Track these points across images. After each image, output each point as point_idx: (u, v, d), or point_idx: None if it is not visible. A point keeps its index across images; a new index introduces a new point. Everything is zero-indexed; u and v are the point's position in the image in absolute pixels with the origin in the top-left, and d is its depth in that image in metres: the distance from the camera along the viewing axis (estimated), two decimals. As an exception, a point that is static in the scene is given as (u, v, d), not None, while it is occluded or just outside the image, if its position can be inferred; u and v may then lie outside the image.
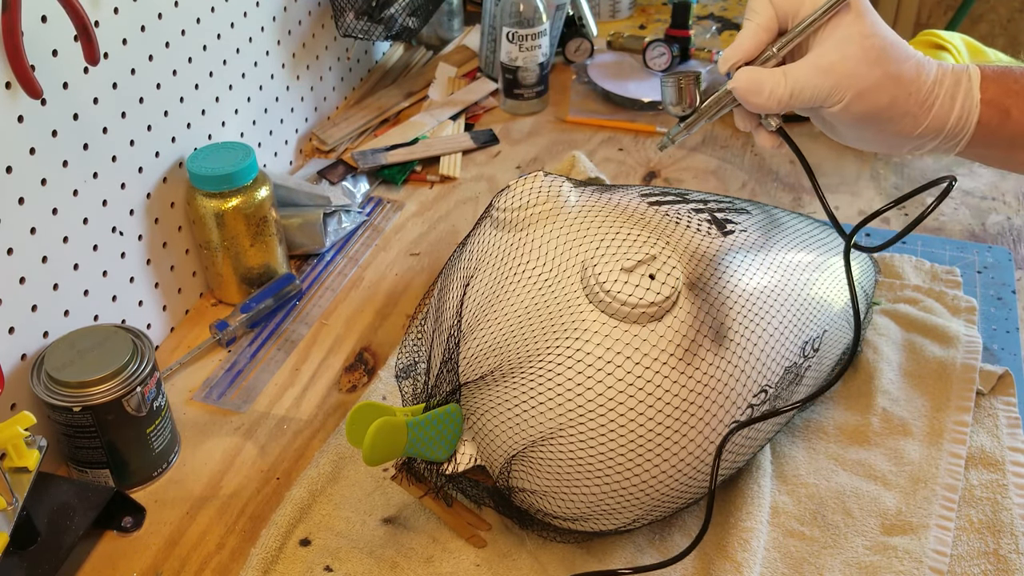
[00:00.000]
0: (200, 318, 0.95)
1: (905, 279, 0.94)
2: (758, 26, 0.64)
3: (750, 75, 0.63)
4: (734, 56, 0.64)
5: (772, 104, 0.63)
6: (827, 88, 0.61)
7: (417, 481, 0.68)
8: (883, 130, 0.64)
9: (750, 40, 0.64)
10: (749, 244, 0.70)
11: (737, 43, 0.65)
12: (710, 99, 0.67)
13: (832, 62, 0.61)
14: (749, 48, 0.64)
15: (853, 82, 0.61)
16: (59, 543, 0.68)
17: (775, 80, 0.62)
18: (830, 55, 0.62)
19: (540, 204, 0.66)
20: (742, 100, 0.64)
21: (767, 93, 0.62)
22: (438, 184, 1.15)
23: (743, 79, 0.63)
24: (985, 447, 0.76)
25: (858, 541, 0.70)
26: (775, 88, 0.62)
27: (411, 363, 0.72)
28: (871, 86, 0.61)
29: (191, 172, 0.88)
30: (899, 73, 0.62)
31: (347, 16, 1.18)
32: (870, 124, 0.63)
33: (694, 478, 0.63)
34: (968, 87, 0.63)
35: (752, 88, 0.63)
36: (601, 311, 0.60)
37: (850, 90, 0.61)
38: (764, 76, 0.63)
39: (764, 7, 0.64)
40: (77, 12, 0.70)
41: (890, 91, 0.61)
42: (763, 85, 0.62)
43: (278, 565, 0.70)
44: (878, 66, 0.61)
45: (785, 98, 0.62)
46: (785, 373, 0.67)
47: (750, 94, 0.63)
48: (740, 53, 0.64)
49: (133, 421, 0.74)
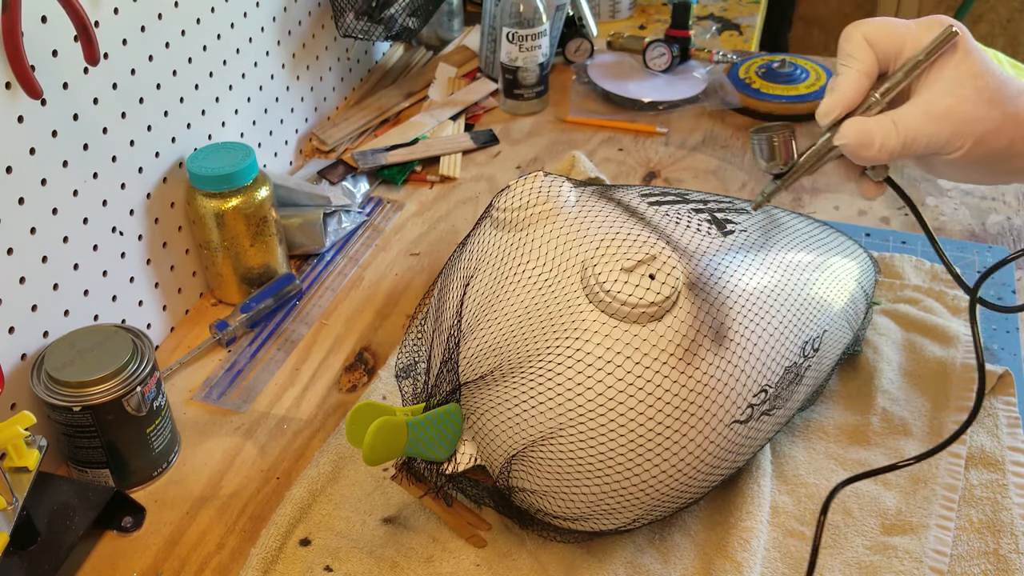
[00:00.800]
0: (200, 318, 0.95)
1: (905, 279, 0.94)
2: (859, 72, 0.59)
3: (859, 127, 0.59)
4: (837, 107, 0.60)
5: (884, 156, 0.59)
6: (945, 136, 0.57)
7: (417, 481, 0.68)
8: (996, 170, 0.60)
9: (852, 88, 0.59)
10: (749, 244, 0.70)
11: (838, 92, 0.60)
12: (809, 153, 0.62)
13: (949, 107, 0.57)
14: (852, 97, 0.59)
15: (972, 127, 0.57)
16: (59, 543, 0.68)
17: (885, 131, 0.58)
18: (944, 99, 0.57)
19: (540, 204, 0.66)
20: (851, 155, 0.60)
21: (878, 146, 0.58)
22: (438, 184, 1.15)
23: (851, 133, 0.59)
24: (985, 447, 0.76)
25: (858, 541, 0.70)
26: (886, 140, 0.58)
27: (411, 363, 0.72)
28: (991, 129, 0.57)
29: (191, 172, 0.88)
30: (1016, 112, 0.58)
31: (347, 16, 1.18)
32: (984, 166, 0.60)
33: (694, 478, 0.63)
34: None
35: (863, 141, 0.58)
36: (601, 311, 0.60)
37: (971, 136, 0.57)
38: (873, 127, 0.58)
39: (863, 51, 0.59)
40: (77, 12, 0.70)
41: (1009, 132, 0.58)
42: (873, 137, 0.58)
43: (278, 565, 0.70)
44: (995, 107, 0.58)
45: (898, 149, 0.58)
46: (785, 373, 0.67)
47: (861, 147, 0.59)
48: (843, 103, 0.60)
49: (133, 421, 0.74)
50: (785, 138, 0.62)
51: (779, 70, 1.26)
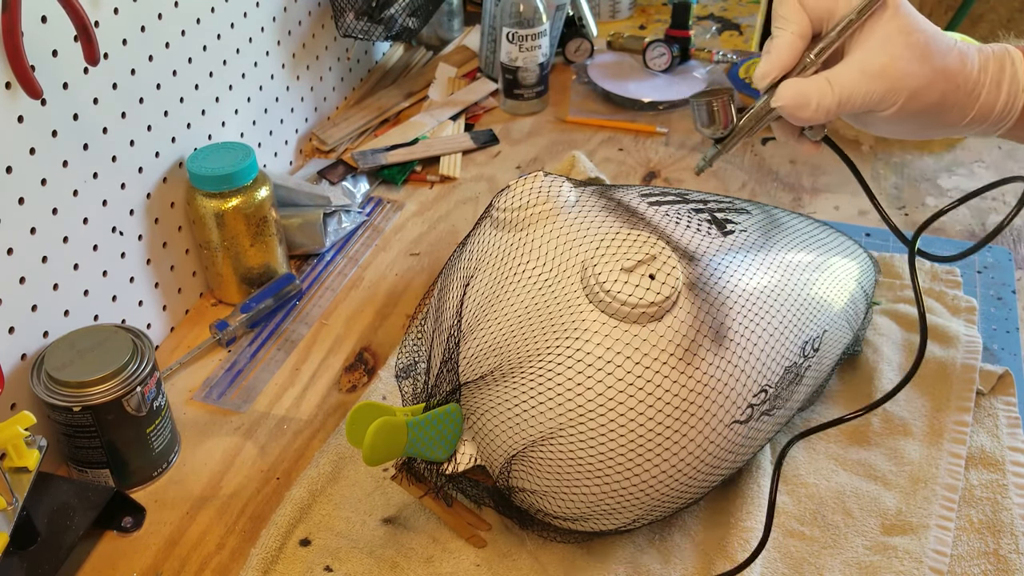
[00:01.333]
0: (200, 318, 0.95)
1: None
2: (792, 34, 0.60)
3: (795, 89, 0.59)
4: (773, 70, 0.60)
5: (820, 116, 0.59)
6: (879, 93, 0.58)
7: (417, 481, 0.68)
8: (928, 123, 0.61)
9: (787, 51, 0.60)
10: (749, 244, 0.70)
11: (773, 55, 0.61)
12: (747, 116, 0.63)
13: (882, 64, 0.58)
14: (786, 59, 0.60)
15: (905, 83, 0.58)
16: (59, 543, 0.68)
17: (821, 91, 0.59)
18: (877, 57, 0.58)
19: (540, 204, 0.66)
20: (788, 116, 0.61)
21: (814, 106, 0.59)
22: (438, 184, 1.15)
23: (788, 94, 0.60)
24: (985, 447, 0.76)
25: (858, 541, 0.70)
26: (822, 100, 0.59)
27: (411, 363, 0.72)
28: (923, 85, 0.58)
29: (191, 172, 0.88)
30: (946, 66, 0.59)
31: (347, 16, 1.18)
32: (917, 120, 0.60)
33: (694, 478, 0.63)
34: (1013, 72, 0.60)
35: (799, 102, 0.59)
36: (601, 311, 0.60)
37: (903, 92, 0.58)
38: (809, 88, 0.59)
39: (796, 13, 0.60)
40: (77, 12, 0.70)
41: (940, 87, 0.59)
42: (809, 98, 0.59)
43: (278, 565, 0.70)
44: (927, 63, 0.58)
45: (833, 108, 0.59)
46: (785, 373, 0.67)
47: (797, 109, 0.59)
48: (779, 66, 0.60)
49: (133, 421, 0.74)
50: (723, 102, 0.63)
51: (779, 70, 1.26)
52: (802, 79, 0.60)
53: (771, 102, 0.61)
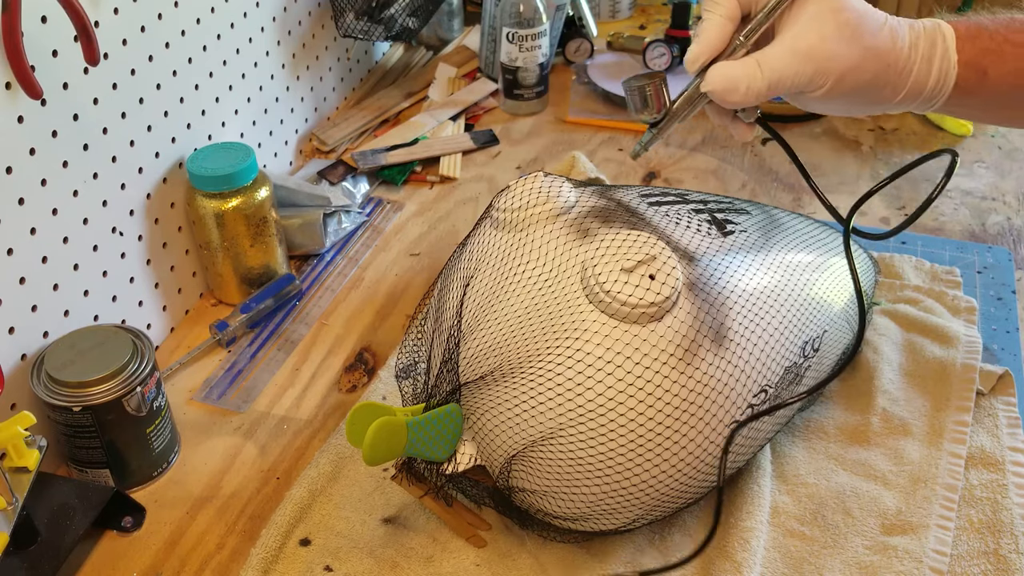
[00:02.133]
0: (200, 318, 0.95)
1: (905, 279, 0.94)
2: (721, 17, 0.60)
3: (723, 72, 0.59)
4: (702, 54, 0.60)
5: (751, 99, 0.59)
6: (808, 74, 0.58)
7: (417, 481, 0.68)
8: (860, 102, 0.61)
9: (716, 34, 0.60)
10: (749, 244, 0.70)
11: (703, 39, 0.60)
12: (680, 100, 0.63)
13: (810, 45, 0.57)
14: (716, 42, 0.60)
15: (834, 64, 0.57)
16: (59, 543, 0.68)
17: (750, 74, 0.58)
18: (806, 37, 0.57)
19: (540, 204, 0.66)
20: (719, 100, 0.60)
21: (744, 89, 0.58)
22: (438, 184, 1.15)
23: (716, 78, 0.59)
24: (985, 447, 0.76)
25: (858, 541, 0.70)
26: (752, 82, 0.58)
27: (411, 363, 0.72)
28: (853, 66, 0.58)
29: (191, 173, 0.88)
30: (876, 46, 0.58)
31: (347, 16, 1.18)
32: (850, 99, 0.60)
33: (694, 478, 0.63)
34: (944, 49, 0.60)
35: (728, 86, 0.59)
36: (601, 311, 0.60)
37: (833, 74, 0.58)
38: (738, 71, 0.59)
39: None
40: (77, 12, 0.70)
41: (871, 67, 0.58)
42: (738, 82, 0.58)
43: (278, 565, 0.70)
44: (856, 43, 0.58)
45: (764, 91, 0.58)
46: (785, 373, 0.67)
47: (727, 93, 0.59)
48: (708, 50, 0.60)
49: (133, 421, 0.74)
50: (656, 87, 0.62)
51: (779, 70, 1.26)
52: (731, 62, 0.60)
53: (701, 87, 0.61)
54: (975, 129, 1.20)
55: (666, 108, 0.63)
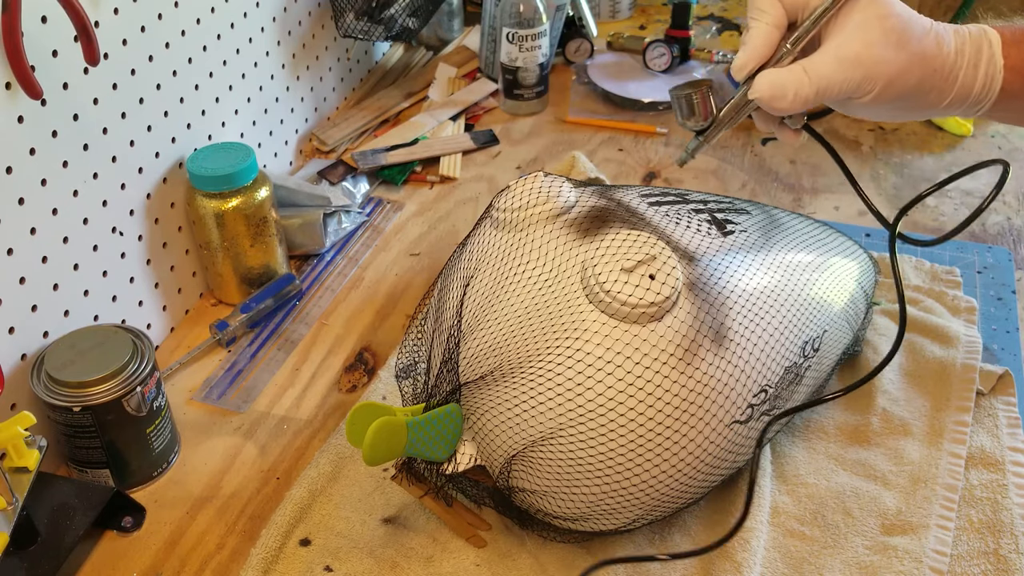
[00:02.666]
0: (200, 318, 0.95)
1: (905, 279, 0.94)
2: (768, 25, 0.60)
3: (771, 79, 0.59)
4: (749, 62, 0.61)
5: (798, 106, 0.59)
6: (856, 80, 0.58)
7: (417, 481, 0.68)
8: (907, 107, 0.61)
9: (762, 41, 0.60)
10: (749, 244, 0.70)
11: (750, 47, 0.61)
12: (727, 107, 0.63)
13: (857, 52, 0.58)
14: (763, 50, 0.60)
15: (881, 70, 0.58)
16: (59, 543, 0.68)
17: (798, 81, 0.59)
18: (852, 44, 0.58)
19: (540, 204, 0.66)
20: (766, 107, 0.60)
21: (792, 96, 0.59)
22: (438, 184, 1.15)
23: (764, 85, 0.60)
24: (985, 447, 0.76)
25: (858, 541, 0.70)
26: (800, 89, 0.59)
27: (411, 363, 0.72)
28: (900, 71, 0.58)
29: (191, 173, 0.88)
30: (922, 51, 0.59)
31: (347, 17, 1.18)
32: (896, 105, 0.60)
33: (694, 478, 0.63)
34: (990, 54, 0.60)
35: (776, 93, 0.59)
36: (601, 311, 0.60)
37: (880, 79, 0.58)
38: (786, 78, 0.59)
39: (771, 4, 0.60)
40: (77, 12, 0.70)
41: (917, 72, 0.59)
42: (786, 89, 0.59)
43: (278, 565, 0.70)
44: (902, 48, 0.58)
45: (811, 97, 0.59)
46: (785, 373, 0.67)
47: (774, 100, 0.59)
48: (755, 57, 0.61)
49: (133, 421, 0.74)
50: (703, 95, 0.63)
51: (779, 70, 1.26)
52: (779, 69, 0.60)
53: (749, 94, 0.61)
54: (975, 129, 1.20)
55: (713, 116, 0.63)
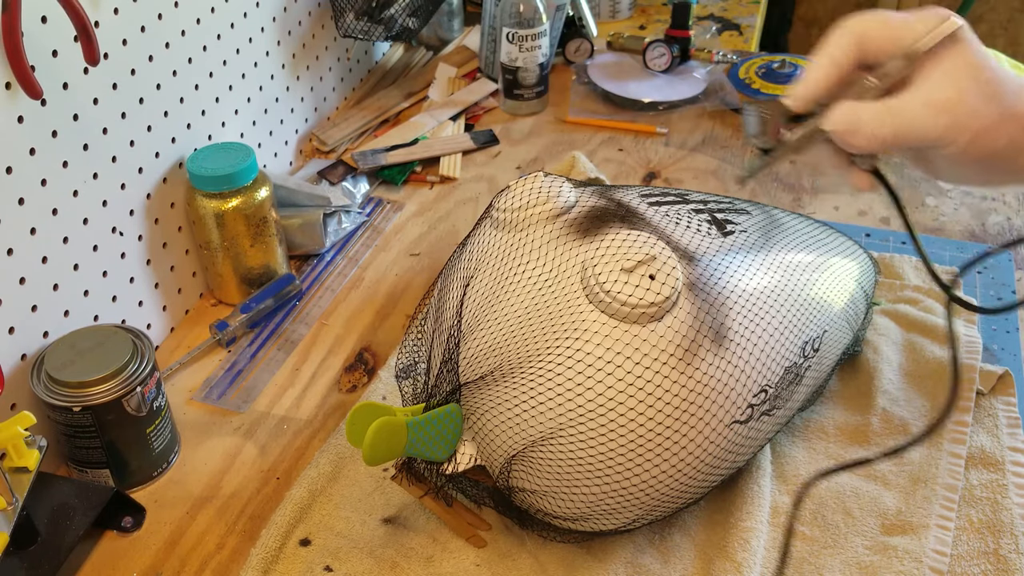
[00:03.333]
0: (200, 318, 0.95)
1: (905, 279, 0.94)
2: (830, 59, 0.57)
3: (849, 112, 0.56)
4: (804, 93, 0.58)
5: (873, 145, 0.56)
6: (940, 128, 0.55)
7: (417, 481, 0.68)
8: (993, 168, 0.57)
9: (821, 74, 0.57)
10: (749, 244, 0.70)
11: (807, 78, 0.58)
12: (798, 133, 0.61)
13: (948, 99, 0.54)
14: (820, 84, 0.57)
15: (970, 122, 0.54)
16: (59, 543, 0.68)
17: (878, 118, 0.55)
18: (944, 90, 0.54)
19: (540, 204, 0.66)
20: (838, 140, 0.57)
21: (868, 133, 0.56)
22: (438, 184, 1.15)
23: (841, 117, 0.56)
24: (985, 447, 0.76)
25: (858, 541, 0.70)
26: (877, 128, 0.55)
27: (411, 363, 0.72)
28: (989, 126, 0.55)
29: (191, 173, 0.88)
30: (1015, 108, 0.55)
31: (347, 16, 1.18)
32: (980, 164, 0.57)
33: (694, 478, 0.63)
34: None
35: (851, 128, 0.56)
36: (601, 311, 0.60)
37: (967, 131, 0.54)
38: (865, 114, 0.56)
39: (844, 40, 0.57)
40: (77, 12, 0.70)
41: (1008, 130, 0.55)
42: (863, 124, 0.56)
43: (278, 565, 0.70)
44: (995, 103, 0.55)
45: (888, 138, 0.55)
46: (785, 373, 0.67)
47: (848, 134, 0.56)
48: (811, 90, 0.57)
49: (133, 421, 0.74)
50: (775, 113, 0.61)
51: (779, 70, 1.26)
52: (859, 103, 0.57)
53: (822, 124, 0.58)
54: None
55: (781, 138, 0.62)
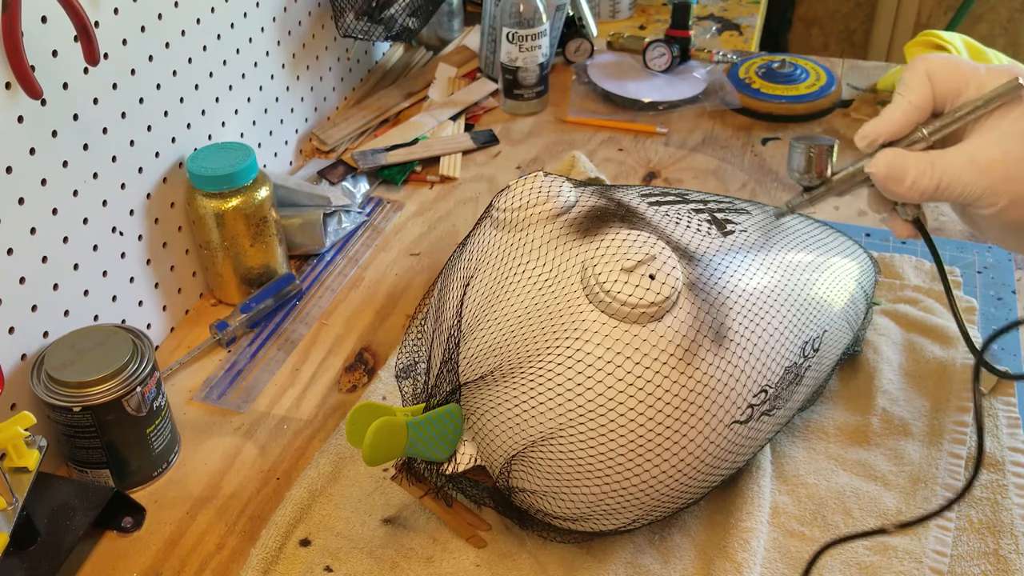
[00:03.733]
0: (200, 318, 0.95)
1: (905, 279, 0.94)
2: (910, 104, 0.57)
3: (893, 159, 0.56)
4: (874, 134, 0.58)
5: (914, 195, 0.56)
6: (981, 188, 0.54)
7: (417, 481, 0.68)
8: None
9: (897, 119, 0.57)
10: (749, 244, 0.70)
11: (885, 118, 0.58)
12: (842, 173, 0.61)
13: (993, 160, 0.54)
14: (898, 127, 0.57)
15: (1011, 187, 0.54)
16: (59, 543, 0.68)
17: (921, 168, 0.55)
18: (990, 151, 0.54)
19: (540, 204, 0.66)
20: (880, 185, 0.58)
21: (910, 182, 0.56)
22: (438, 184, 1.15)
23: (884, 162, 0.57)
24: (985, 447, 0.76)
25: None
26: (920, 178, 0.55)
27: (411, 363, 0.72)
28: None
29: (191, 172, 0.88)
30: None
31: (347, 16, 1.18)
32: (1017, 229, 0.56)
33: (694, 478, 0.63)
34: None
35: (894, 175, 0.56)
36: (601, 311, 0.60)
37: (1007, 195, 0.54)
38: (909, 163, 0.56)
39: (921, 84, 0.57)
40: (77, 12, 0.70)
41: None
42: (906, 172, 0.56)
43: (278, 565, 0.70)
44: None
45: (930, 190, 0.55)
46: (785, 373, 0.67)
47: (890, 181, 0.57)
48: (884, 131, 0.58)
49: (133, 421, 0.74)
50: (823, 153, 0.61)
51: (779, 70, 1.27)
52: (904, 151, 0.57)
53: (866, 167, 0.58)
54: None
55: (825, 177, 0.62)
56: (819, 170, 0.62)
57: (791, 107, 1.22)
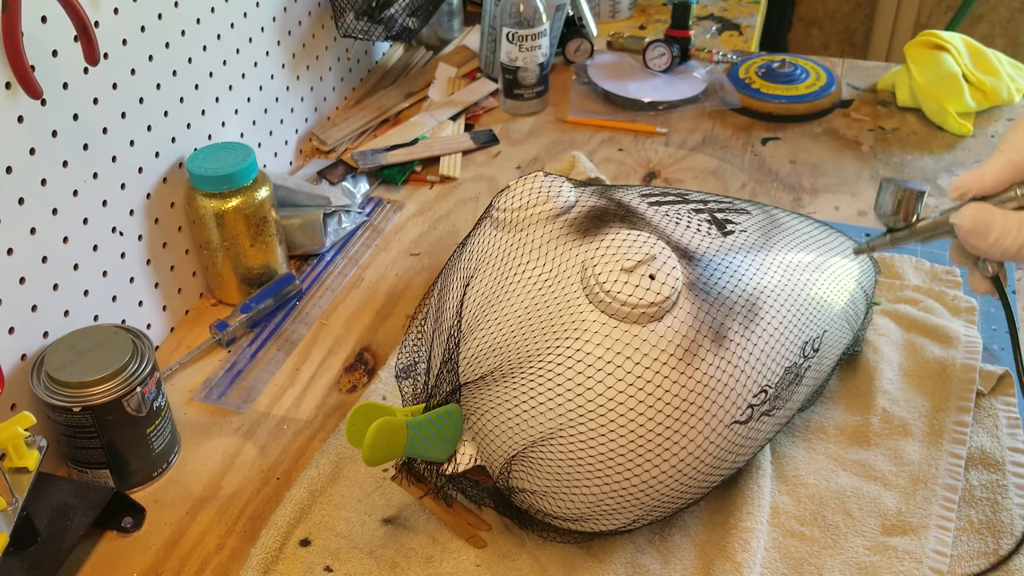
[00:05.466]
0: (200, 318, 0.95)
1: (905, 279, 0.94)
2: (1009, 162, 0.56)
3: (980, 213, 0.56)
4: (968, 186, 0.57)
5: (996, 252, 0.56)
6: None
7: (417, 481, 0.68)
8: None
9: (994, 174, 0.56)
10: (749, 244, 0.70)
11: (978, 172, 0.57)
12: (927, 221, 0.61)
13: None
14: (990, 183, 0.57)
15: None
16: (59, 543, 0.68)
17: (1007, 227, 0.55)
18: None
19: (540, 204, 0.66)
20: (962, 238, 0.57)
21: (993, 239, 0.55)
22: (438, 184, 1.15)
23: (970, 215, 0.56)
24: (985, 447, 0.76)
25: (858, 541, 0.70)
26: (1004, 236, 0.55)
27: (411, 363, 0.72)
28: None
29: (191, 172, 0.88)
30: None
31: (347, 16, 1.18)
32: None
33: (694, 478, 0.63)
34: None
35: (978, 229, 0.56)
36: (601, 311, 0.60)
37: None
38: (996, 219, 0.55)
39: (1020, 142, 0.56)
40: (77, 12, 0.70)
41: None
42: (992, 229, 0.55)
43: (278, 565, 0.70)
44: None
45: (1013, 251, 0.55)
46: (785, 373, 0.67)
47: (973, 235, 0.56)
48: (977, 185, 0.57)
49: (133, 421, 0.74)
50: (912, 197, 0.61)
51: (779, 70, 1.27)
52: (993, 207, 0.57)
53: (951, 217, 0.58)
54: (975, 129, 1.20)
55: (910, 221, 0.62)
56: (906, 214, 0.62)
57: (791, 107, 1.22)
